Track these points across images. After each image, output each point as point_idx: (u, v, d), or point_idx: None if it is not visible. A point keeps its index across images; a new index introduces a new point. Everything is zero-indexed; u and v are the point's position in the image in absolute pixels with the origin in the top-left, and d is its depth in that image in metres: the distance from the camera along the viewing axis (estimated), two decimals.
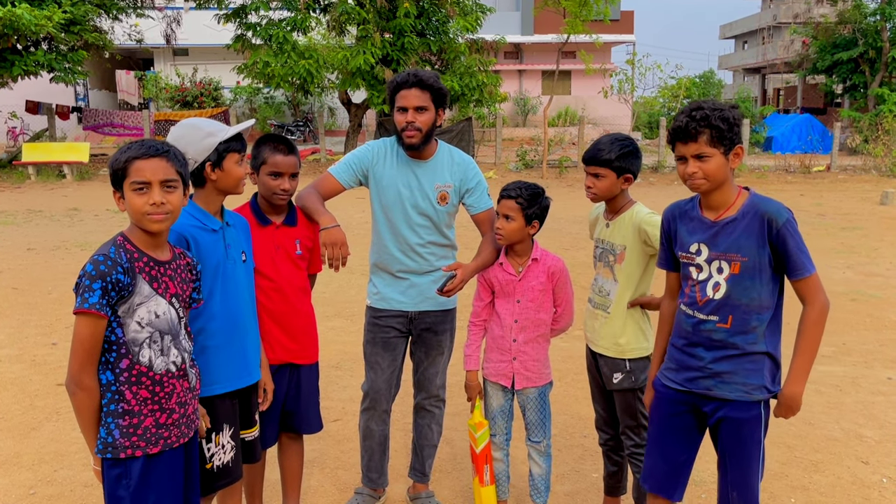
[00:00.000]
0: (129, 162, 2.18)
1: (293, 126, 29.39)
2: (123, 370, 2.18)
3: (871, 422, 4.52)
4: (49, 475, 3.79)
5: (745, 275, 2.39)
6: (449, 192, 3.25)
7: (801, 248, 2.37)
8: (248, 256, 2.81)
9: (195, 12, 24.07)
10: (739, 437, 2.46)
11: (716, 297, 2.42)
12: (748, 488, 2.49)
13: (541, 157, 20.44)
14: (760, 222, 2.36)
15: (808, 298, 2.42)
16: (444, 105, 3.22)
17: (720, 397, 2.45)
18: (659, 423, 2.63)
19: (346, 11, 19.26)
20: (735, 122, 2.36)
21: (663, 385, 2.60)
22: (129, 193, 2.18)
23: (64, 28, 18.54)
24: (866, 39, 26.69)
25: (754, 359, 2.44)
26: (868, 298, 7.50)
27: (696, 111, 2.35)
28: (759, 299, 2.41)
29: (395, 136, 3.26)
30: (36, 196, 15.65)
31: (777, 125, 27.72)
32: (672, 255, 2.59)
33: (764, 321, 2.43)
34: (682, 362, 2.53)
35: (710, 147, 2.35)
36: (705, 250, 2.44)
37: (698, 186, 2.40)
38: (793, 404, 2.45)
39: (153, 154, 2.19)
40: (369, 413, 3.40)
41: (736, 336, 2.42)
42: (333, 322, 6.54)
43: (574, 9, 19.38)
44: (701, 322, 2.46)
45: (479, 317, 3.26)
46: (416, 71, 3.17)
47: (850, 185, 18.40)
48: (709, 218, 2.45)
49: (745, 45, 51.07)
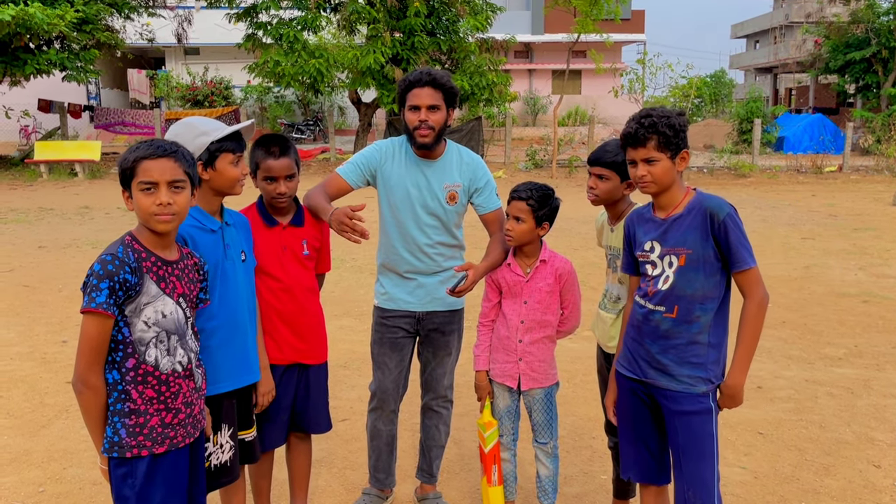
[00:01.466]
0: (137, 161, 2.18)
1: (303, 125, 29.45)
2: (130, 369, 2.18)
3: (884, 425, 4.48)
4: (58, 473, 3.81)
5: (689, 266, 2.52)
6: (458, 192, 3.23)
7: (743, 242, 2.48)
8: (248, 256, 2.81)
9: (206, 11, 24.15)
10: (690, 431, 2.55)
11: (663, 289, 2.56)
12: (704, 485, 2.53)
13: (550, 157, 20.39)
14: (703, 217, 2.50)
15: (747, 291, 2.52)
16: (455, 105, 3.21)
17: (666, 387, 2.57)
18: (624, 414, 2.75)
19: (356, 11, 19.29)
20: (681, 128, 2.51)
21: (620, 374, 2.74)
22: (136, 193, 2.18)
23: (76, 27, 18.64)
24: (879, 39, 26.50)
25: (698, 350, 2.54)
26: (880, 300, 7.44)
27: (644, 118, 2.51)
28: (703, 290, 2.52)
29: (403, 136, 3.25)
30: (48, 194, 15.74)
31: (789, 125, 27.54)
32: (634, 258, 2.70)
33: (708, 312, 2.53)
34: (634, 351, 2.67)
35: (657, 152, 2.50)
36: (657, 247, 2.59)
37: (647, 188, 2.56)
38: (734, 394, 2.55)
39: (161, 154, 2.19)
40: (377, 413, 3.40)
41: (681, 326, 2.54)
42: (342, 321, 6.55)
43: (585, 8, 19.31)
44: (650, 312, 2.59)
45: (488, 317, 3.25)
46: (429, 70, 3.15)
47: (862, 186, 18.27)
48: (659, 217, 2.61)
49: (757, 45, 50.82)
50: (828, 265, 9.10)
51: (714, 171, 20.18)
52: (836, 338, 6.25)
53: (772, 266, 8.79)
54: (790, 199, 15.75)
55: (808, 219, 13.05)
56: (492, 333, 3.25)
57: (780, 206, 14.65)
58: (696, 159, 21.74)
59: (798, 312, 7.00)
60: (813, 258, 9.54)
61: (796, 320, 6.74)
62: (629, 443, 2.76)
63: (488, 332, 3.25)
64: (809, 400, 4.87)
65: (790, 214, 13.57)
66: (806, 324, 6.64)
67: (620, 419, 2.78)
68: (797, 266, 9.01)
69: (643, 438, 2.72)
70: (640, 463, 2.74)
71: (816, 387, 5.11)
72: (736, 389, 2.53)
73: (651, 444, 2.71)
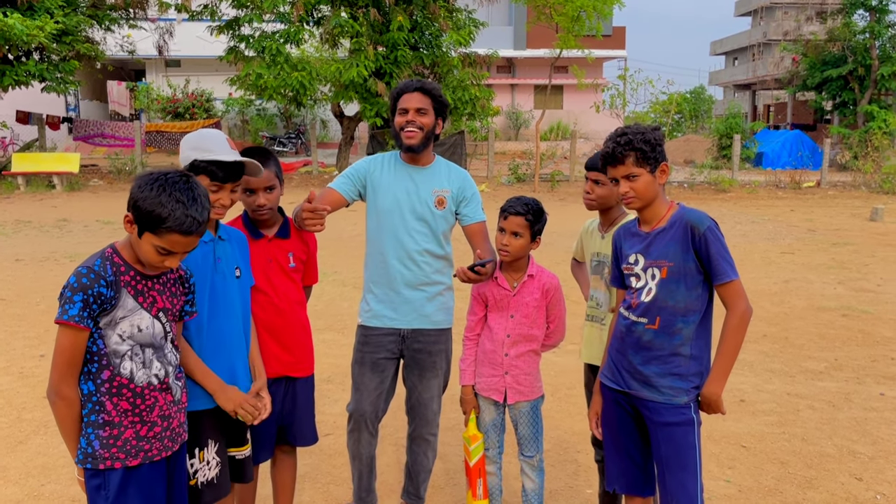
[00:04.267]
0: (168, 230, 2.10)
1: (285, 138, 29.37)
2: (104, 381, 2.16)
3: (865, 438, 4.51)
4: (36, 489, 3.74)
5: (671, 278, 2.55)
6: (446, 198, 3.25)
7: (724, 255, 2.52)
8: (244, 273, 2.77)
9: (188, 24, 24.11)
10: (673, 442, 2.57)
11: (646, 300, 2.59)
12: (687, 495, 2.55)
13: (533, 171, 20.48)
14: (685, 230, 2.54)
15: (729, 303, 2.55)
16: (445, 116, 3.26)
17: (648, 399, 2.59)
18: (609, 425, 2.77)
19: (339, 24, 19.32)
20: (657, 142, 2.57)
21: (604, 385, 2.76)
22: (149, 243, 2.14)
23: (56, 38, 18.50)
24: (856, 57, 26.92)
25: (680, 361, 2.57)
26: (860, 314, 7.52)
27: (620, 137, 2.57)
28: (685, 302, 2.55)
29: (393, 151, 3.29)
30: (25, 207, 15.55)
31: (767, 141, 27.87)
32: (620, 271, 2.74)
33: (690, 324, 2.56)
34: (617, 362, 2.69)
35: (636, 167, 2.56)
36: (641, 259, 2.63)
37: (631, 204, 2.62)
38: (712, 402, 2.57)
39: (194, 231, 2.14)
40: (354, 436, 3.34)
41: (662, 337, 2.57)
42: (325, 335, 6.50)
43: (566, 24, 19.48)
44: (633, 324, 2.63)
45: (474, 331, 3.24)
46: (419, 79, 3.23)
47: (840, 201, 18.51)
48: (644, 230, 2.66)
49: (736, 62, 51.49)
50: (808, 279, 9.19)
51: (695, 186, 20.36)
52: (817, 351, 6.30)
53: (752, 280, 8.87)
54: (770, 214, 15.92)
55: (788, 233, 13.19)
56: (477, 347, 3.24)
57: (759, 221, 14.80)
58: (676, 174, 21.94)
59: (779, 326, 7.05)
60: (793, 272, 9.64)
61: (777, 334, 6.79)
62: (614, 454, 2.78)
63: (473, 346, 3.24)
64: (791, 413, 4.90)
65: (770, 229, 13.71)
66: (787, 337, 6.69)
67: (605, 430, 2.80)
68: (777, 280, 9.10)
69: (627, 449, 2.73)
70: (625, 474, 2.75)
71: (798, 400, 5.15)
72: (713, 398, 2.56)
73: (635, 456, 2.72)
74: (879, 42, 26.90)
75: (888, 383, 5.51)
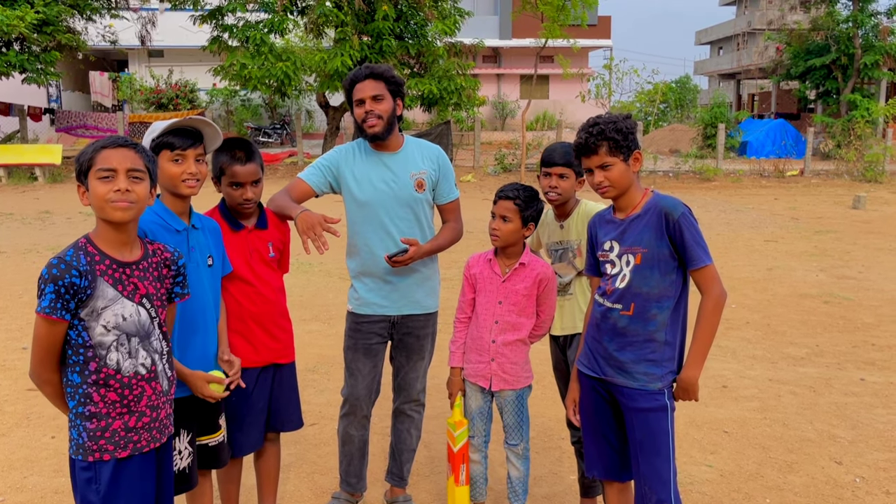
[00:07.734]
0: (96, 152, 2.16)
1: (270, 129, 29.18)
2: (91, 372, 2.15)
3: (844, 422, 4.56)
4: (19, 482, 3.72)
5: (645, 265, 2.57)
6: (425, 179, 3.26)
7: (698, 240, 2.54)
8: (216, 261, 2.77)
9: (170, 13, 23.87)
10: (647, 428, 2.59)
11: (620, 287, 2.61)
12: (661, 481, 2.58)
13: (519, 161, 20.50)
14: (659, 216, 2.56)
15: (704, 288, 2.57)
16: (402, 95, 3.25)
17: (623, 385, 2.62)
18: (586, 411, 2.80)
19: (323, 14, 19.20)
20: (629, 130, 2.58)
21: (581, 372, 2.79)
22: (93, 183, 2.14)
23: (36, 28, 18.31)
24: (839, 46, 27.08)
25: (654, 347, 2.59)
26: (841, 301, 7.60)
27: (592, 127, 2.59)
28: (659, 288, 2.57)
29: (361, 139, 3.28)
30: (6, 199, 15.40)
31: (752, 130, 27.99)
32: (596, 259, 2.76)
33: (664, 310, 2.58)
34: (593, 349, 2.72)
35: (610, 157, 2.57)
36: (616, 246, 2.65)
37: (607, 193, 2.63)
38: (689, 387, 2.60)
39: (121, 144, 2.18)
40: (349, 419, 3.37)
41: (637, 323, 2.59)
42: (310, 326, 6.50)
43: (552, 13, 19.46)
44: (608, 310, 2.65)
45: (465, 313, 3.25)
46: (367, 64, 3.22)
47: (823, 190, 18.66)
48: (619, 218, 2.68)
49: (721, 51, 51.61)
50: (790, 267, 9.27)
51: (679, 175, 20.45)
52: (799, 338, 6.36)
53: (736, 268, 8.93)
54: (753, 203, 16.02)
55: (771, 222, 13.29)
56: (467, 330, 3.25)
57: (743, 210, 14.89)
58: (661, 163, 22.01)
59: (761, 313, 7.11)
60: (776, 260, 9.72)
61: (760, 321, 6.85)
62: (592, 440, 2.81)
63: (464, 329, 3.25)
64: (773, 399, 4.95)
65: (753, 217, 13.80)
66: (769, 324, 6.75)
67: (583, 417, 2.83)
68: (760, 268, 9.17)
69: (605, 435, 2.76)
70: (602, 459, 2.79)
71: (780, 386, 5.20)
72: (690, 382, 2.58)
73: (613, 441, 2.75)
74: (862, 31, 27.08)
75: (868, 369, 5.57)
